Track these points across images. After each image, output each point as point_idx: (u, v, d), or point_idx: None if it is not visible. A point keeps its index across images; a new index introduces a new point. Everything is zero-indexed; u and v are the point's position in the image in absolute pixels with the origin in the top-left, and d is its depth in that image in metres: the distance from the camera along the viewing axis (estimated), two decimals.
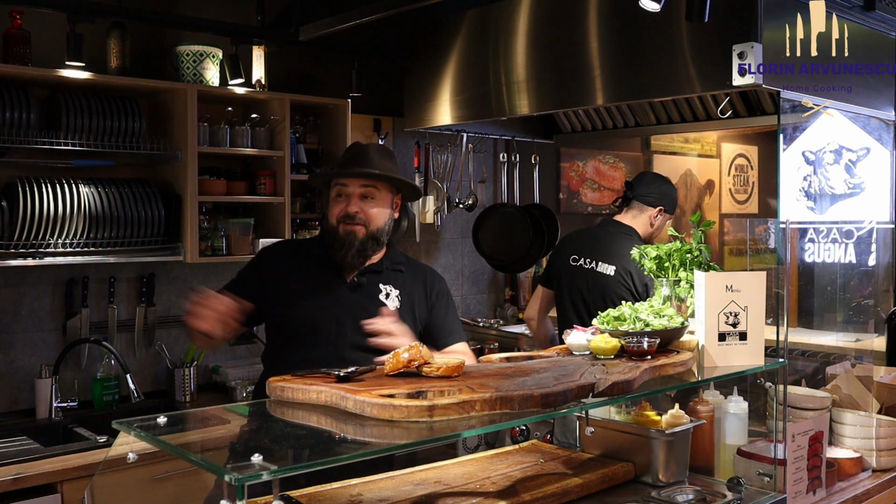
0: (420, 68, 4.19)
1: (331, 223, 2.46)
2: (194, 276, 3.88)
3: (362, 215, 2.43)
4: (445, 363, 1.94)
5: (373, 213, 2.44)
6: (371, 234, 2.44)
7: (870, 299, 3.05)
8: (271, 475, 1.48)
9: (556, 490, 2.07)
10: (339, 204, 2.45)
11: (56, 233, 3.18)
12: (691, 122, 4.15)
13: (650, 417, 2.36)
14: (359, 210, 2.42)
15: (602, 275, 3.56)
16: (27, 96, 3.16)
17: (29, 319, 3.44)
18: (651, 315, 2.29)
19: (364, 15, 3.55)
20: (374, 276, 2.50)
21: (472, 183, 4.85)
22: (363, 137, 4.44)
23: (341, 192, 2.45)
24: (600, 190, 5.77)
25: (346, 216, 2.42)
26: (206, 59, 3.65)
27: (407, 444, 1.77)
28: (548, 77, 3.58)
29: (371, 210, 2.44)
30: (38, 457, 2.82)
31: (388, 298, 2.49)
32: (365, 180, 2.44)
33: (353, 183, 2.43)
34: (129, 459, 1.78)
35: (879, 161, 3.00)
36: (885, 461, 2.61)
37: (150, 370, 3.74)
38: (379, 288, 2.49)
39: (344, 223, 2.43)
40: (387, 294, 2.49)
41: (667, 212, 3.69)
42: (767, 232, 2.74)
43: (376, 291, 2.49)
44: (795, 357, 3.69)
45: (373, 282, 2.49)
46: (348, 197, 2.43)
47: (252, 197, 3.77)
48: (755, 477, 2.27)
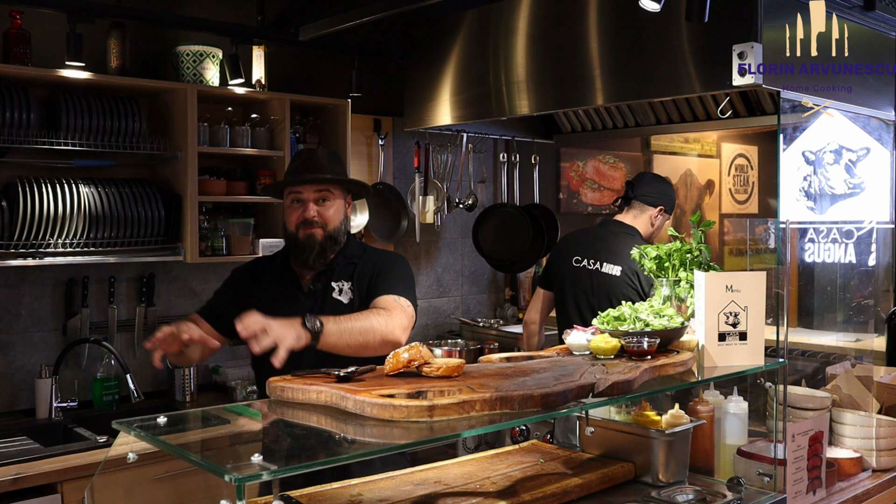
0: (420, 68, 4.19)
1: (289, 230, 2.54)
2: (194, 276, 3.88)
3: (319, 218, 2.51)
4: (445, 363, 1.94)
5: (329, 214, 2.53)
6: (329, 235, 2.52)
7: (870, 299, 3.05)
8: (271, 475, 1.48)
9: (556, 490, 2.07)
10: (296, 210, 2.53)
11: (56, 233, 3.18)
12: (691, 122, 4.16)
13: (650, 417, 2.36)
14: (315, 214, 2.51)
15: (607, 275, 3.55)
16: (27, 96, 3.16)
17: (29, 319, 3.44)
18: (651, 315, 2.29)
19: (364, 15, 3.55)
20: (325, 276, 2.57)
21: (472, 183, 4.85)
22: (363, 137, 4.45)
23: (296, 198, 2.53)
24: (600, 190, 5.77)
25: (304, 221, 2.51)
26: (206, 59, 3.65)
27: (407, 444, 1.76)
28: (548, 77, 3.58)
29: (327, 212, 2.53)
30: (38, 457, 2.82)
31: (340, 294, 2.55)
32: (318, 185, 2.52)
33: (307, 189, 2.52)
34: (129, 459, 1.78)
35: (879, 161, 3.00)
36: (885, 461, 2.61)
37: (150, 370, 3.74)
38: (331, 286, 2.55)
39: (303, 228, 2.51)
40: (339, 290, 2.55)
41: (666, 211, 3.70)
42: (767, 232, 2.74)
43: (329, 291, 2.54)
44: (795, 357, 3.69)
45: (325, 283, 2.56)
46: (304, 203, 2.52)
47: (252, 197, 3.77)
48: (755, 477, 2.27)
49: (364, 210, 4.32)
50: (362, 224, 4.32)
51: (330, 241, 2.53)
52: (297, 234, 2.52)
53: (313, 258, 2.51)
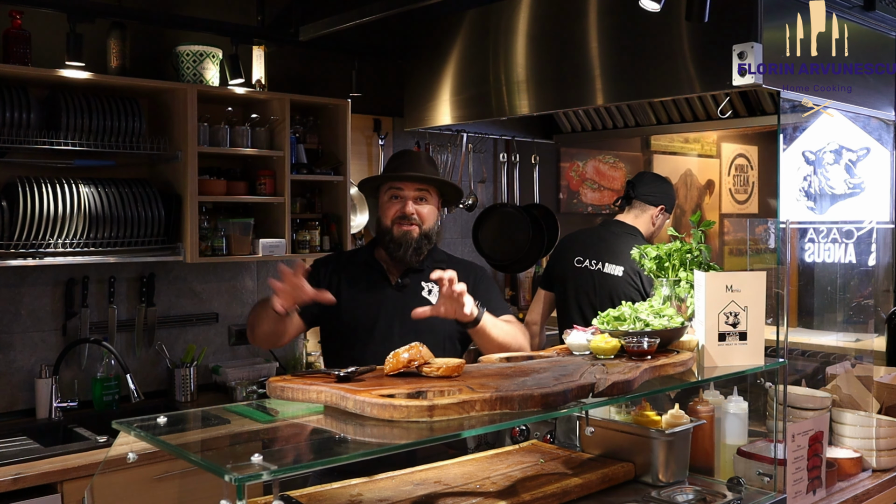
0: (420, 68, 4.19)
1: (385, 224, 2.61)
2: (194, 276, 3.88)
3: (416, 216, 2.58)
4: (445, 363, 1.94)
5: (425, 213, 2.60)
6: (424, 234, 2.60)
7: (870, 299, 3.05)
8: (271, 475, 1.48)
9: (556, 490, 2.07)
10: (394, 206, 2.60)
11: (56, 233, 3.18)
12: (691, 122, 4.16)
13: (650, 417, 2.35)
14: (414, 211, 2.58)
15: (609, 276, 3.55)
16: (27, 96, 3.16)
17: (29, 319, 3.44)
18: (651, 315, 2.29)
19: (364, 15, 3.55)
20: (416, 275, 2.64)
21: (472, 183, 4.85)
22: (363, 137, 4.45)
23: (396, 194, 2.60)
24: (600, 190, 5.77)
25: (402, 217, 2.58)
26: (206, 59, 3.65)
27: (407, 444, 1.76)
28: (548, 77, 3.58)
29: (424, 211, 2.60)
30: (38, 457, 2.82)
31: (430, 294, 2.62)
32: (419, 184, 2.60)
33: (408, 186, 2.59)
34: (129, 459, 1.78)
35: (879, 161, 3.00)
36: (885, 461, 2.61)
37: (150, 370, 3.74)
38: (421, 286, 2.63)
39: (399, 223, 2.58)
40: (429, 290, 2.62)
41: (667, 210, 3.70)
42: (767, 232, 2.74)
43: (419, 289, 2.62)
44: (795, 357, 3.69)
45: (415, 281, 2.63)
46: (403, 199, 2.59)
47: (252, 197, 3.77)
48: (755, 477, 2.27)
49: (364, 210, 4.32)
50: (362, 224, 4.32)
51: (425, 239, 2.60)
52: (393, 229, 2.58)
53: (410, 254, 2.58)
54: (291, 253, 3.79)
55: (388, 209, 2.61)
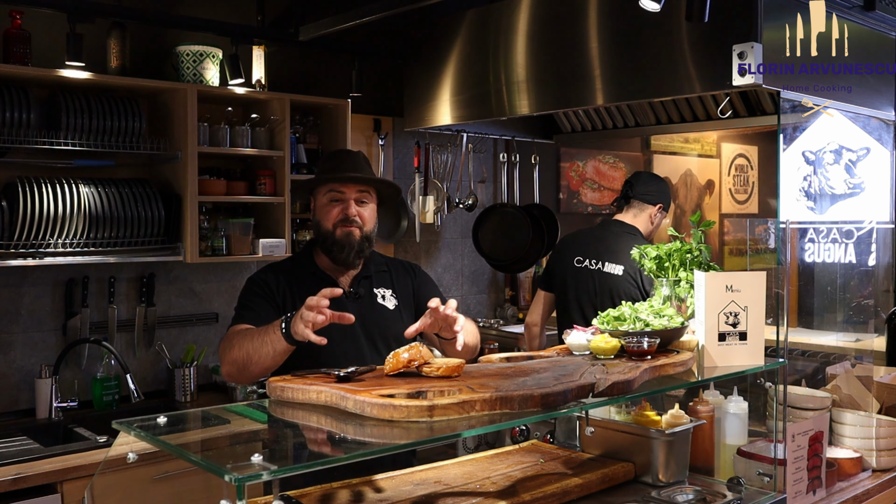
0: (420, 68, 4.19)
1: (326, 227, 2.50)
2: (194, 276, 3.88)
3: (358, 218, 2.49)
4: (445, 363, 1.94)
5: (367, 215, 2.52)
6: (366, 235, 2.51)
7: (870, 299, 3.05)
8: (271, 475, 1.48)
9: (556, 490, 2.07)
10: (335, 208, 2.50)
11: (56, 233, 3.18)
12: (691, 122, 4.16)
13: (650, 417, 2.36)
14: (356, 213, 2.49)
15: (610, 275, 3.55)
16: (27, 96, 3.16)
17: (29, 319, 3.44)
18: (651, 315, 2.29)
19: (364, 15, 3.55)
20: (366, 282, 2.57)
21: (472, 183, 4.85)
22: (363, 137, 4.45)
23: (336, 196, 2.50)
24: (600, 190, 5.77)
25: (345, 219, 2.48)
26: (206, 59, 3.65)
27: (407, 444, 1.76)
28: (548, 77, 3.58)
29: (366, 213, 2.52)
30: (38, 457, 2.82)
31: (385, 300, 2.57)
32: (360, 185, 2.51)
33: (349, 188, 2.50)
34: (129, 459, 1.78)
35: (879, 161, 3.00)
36: (885, 461, 2.61)
37: (150, 370, 3.74)
38: (374, 293, 2.56)
39: (342, 226, 2.48)
40: (382, 296, 2.57)
41: (665, 209, 3.72)
42: (767, 232, 2.74)
43: (373, 296, 2.55)
44: (795, 357, 3.69)
45: (367, 288, 2.56)
46: (344, 202, 2.50)
47: (252, 197, 3.77)
48: (755, 477, 2.27)
49: None
50: None
51: (366, 241, 2.52)
52: (335, 232, 2.48)
53: (353, 256, 2.49)
54: (291, 253, 3.79)
55: (328, 211, 2.49)
